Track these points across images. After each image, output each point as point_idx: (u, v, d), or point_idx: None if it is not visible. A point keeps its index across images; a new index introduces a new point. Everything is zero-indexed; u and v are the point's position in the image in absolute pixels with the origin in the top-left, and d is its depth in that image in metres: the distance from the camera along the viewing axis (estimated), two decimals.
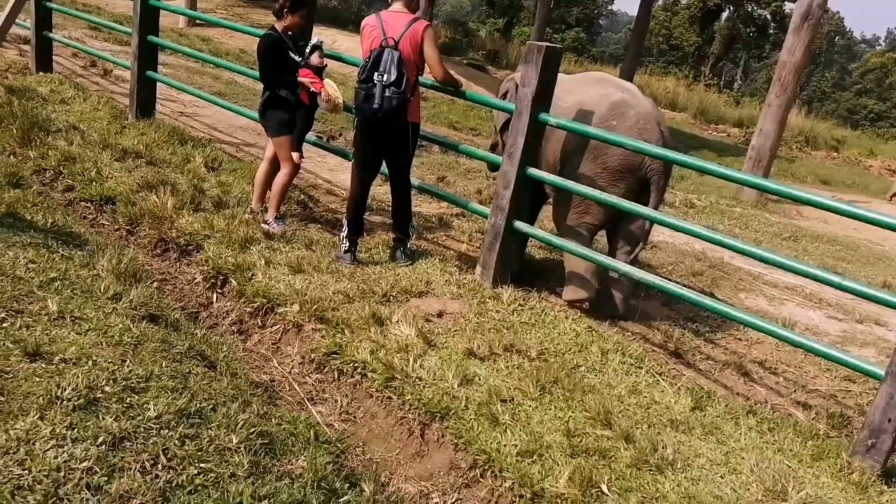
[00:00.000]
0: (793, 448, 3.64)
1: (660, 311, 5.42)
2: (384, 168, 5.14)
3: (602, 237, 5.49)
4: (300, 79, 5.10)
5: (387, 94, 4.58)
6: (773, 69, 13.86)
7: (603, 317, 4.92)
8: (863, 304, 6.30)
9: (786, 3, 38.28)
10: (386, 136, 4.88)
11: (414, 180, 5.39)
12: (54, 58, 9.23)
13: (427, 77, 5.05)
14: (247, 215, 5.41)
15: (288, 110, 5.21)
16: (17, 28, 9.68)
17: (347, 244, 5.04)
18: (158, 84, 7.66)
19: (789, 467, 3.46)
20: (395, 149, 4.96)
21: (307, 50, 5.18)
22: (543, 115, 4.68)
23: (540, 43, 4.64)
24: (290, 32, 5.19)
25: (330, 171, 7.65)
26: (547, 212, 5.75)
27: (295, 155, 5.26)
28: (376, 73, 4.59)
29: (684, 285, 5.47)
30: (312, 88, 5.09)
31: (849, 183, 18.31)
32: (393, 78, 4.56)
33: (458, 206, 5.95)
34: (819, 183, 17.35)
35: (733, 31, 41.26)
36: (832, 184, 17.62)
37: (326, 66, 5.26)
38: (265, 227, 5.26)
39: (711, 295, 5.92)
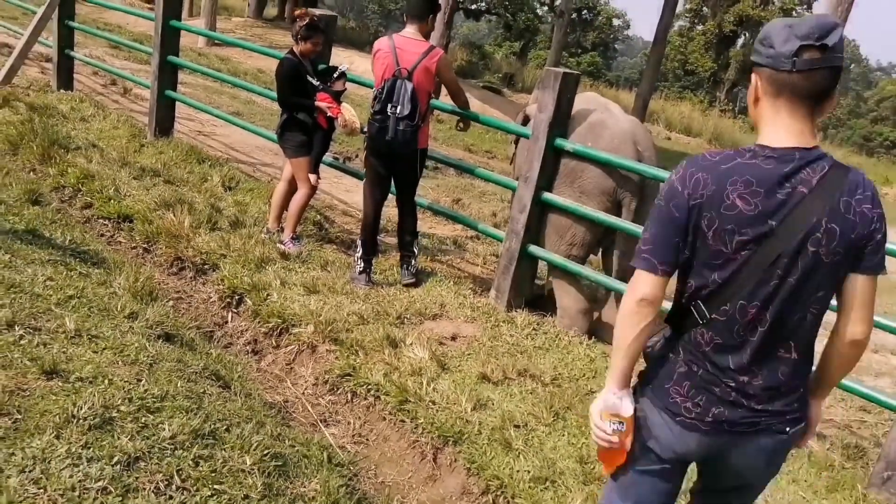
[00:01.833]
0: (807, 479, 3.61)
1: None
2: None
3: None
4: (318, 103, 5.14)
5: (400, 126, 4.63)
6: None
7: None
8: (878, 334, 6.25)
9: None
10: (396, 161, 4.93)
11: (425, 201, 5.42)
12: (75, 76, 9.35)
13: (442, 101, 5.10)
14: (263, 235, 5.44)
15: (305, 132, 5.26)
16: (40, 46, 9.82)
17: (362, 265, 5.06)
18: (177, 103, 7.74)
19: (804, 499, 3.43)
20: (404, 172, 5.03)
21: (334, 76, 5.24)
22: (560, 141, 4.70)
23: (557, 69, 4.67)
24: (307, 57, 5.25)
25: (346, 191, 7.69)
26: None
27: (312, 177, 5.30)
28: (390, 105, 4.63)
29: None
30: (329, 113, 5.14)
31: None
32: (407, 112, 4.61)
33: (472, 228, 5.96)
34: None
35: (749, 57, 41.30)
36: None
37: (346, 90, 5.31)
38: (281, 247, 5.29)
39: None
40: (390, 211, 6.91)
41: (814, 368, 2.03)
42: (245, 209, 5.96)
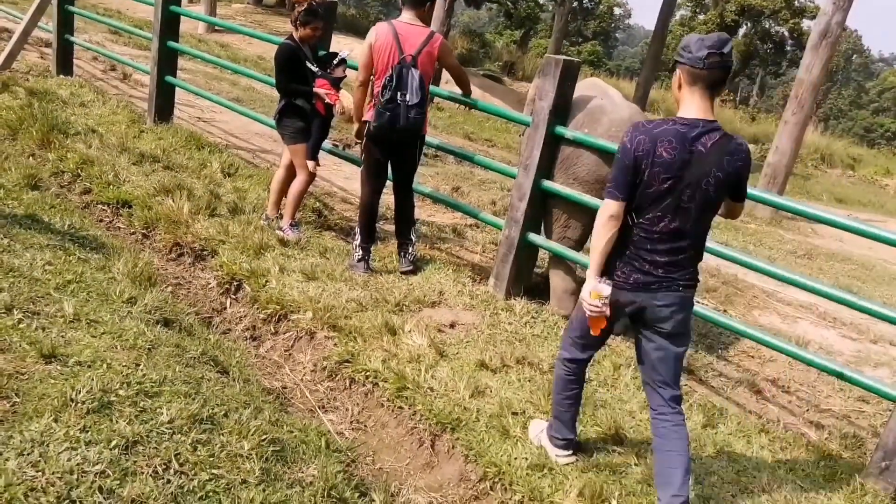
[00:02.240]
0: (805, 468, 3.61)
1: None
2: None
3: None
4: (316, 89, 5.12)
5: (411, 115, 4.64)
6: (790, 86, 13.82)
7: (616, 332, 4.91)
8: (878, 325, 6.26)
9: (804, 20, 38.19)
10: (400, 148, 4.93)
11: (426, 189, 5.40)
12: (75, 61, 9.33)
13: (442, 87, 5.08)
14: (262, 222, 5.44)
15: (304, 119, 5.24)
16: (39, 31, 9.78)
17: (361, 253, 5.05)
18: (177, 89, 7.71)
19: (801, 487, 3.44)
20: (405, 159, 5.03)
21: (334, 62, 5.20)
22: (560, 129, 4.69)
23: (558, 56, 4.65)
24: (306, 42, 5.22)
25: (345, 179, 7.68)
26: None
27: (310, 163, 5.28)
28: (399, 94, 4.61)
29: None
30: (327, 100, 5.12)
31: (864, 201, 18.21)
32: (417, 100, 4.62)
33: (471, 216, 5.95)
34: (834, 201, 17.27)
35: (750, 48, 41.16)
36: (848, 202, 17.53)
37: (346, 77, 5.28)
38: (280, 233, 5.28)
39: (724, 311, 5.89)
40: (388, 198, 6.91)
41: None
42: (244, 195, 5.95)
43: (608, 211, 2.88)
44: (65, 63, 9.04)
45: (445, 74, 5.01)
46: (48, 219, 4.61)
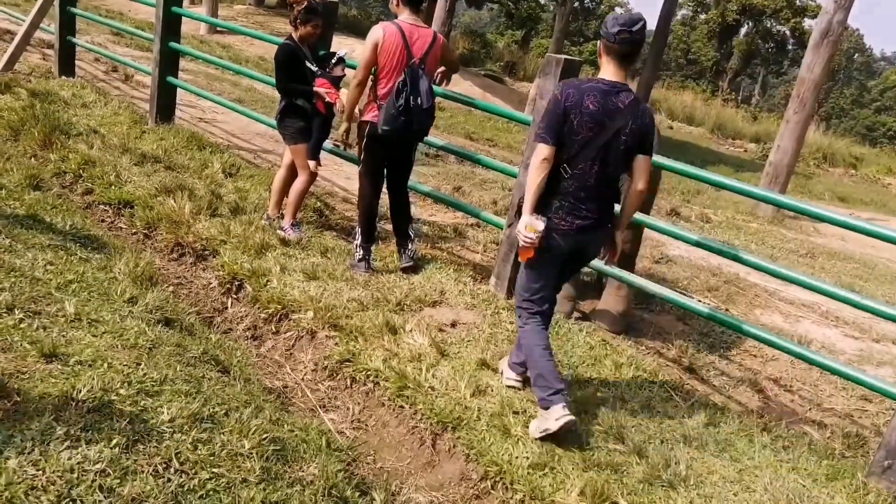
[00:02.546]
0: (807, 467, 3.60)
1: (674, 325, 5.40)
2: None
3: None
4: (316, 89, 5.12)
5: (424, 118, 4.67)
6: (792, 85, 13.82)
7: (617, 330, 4.91)
8: (880, 323, 6.25)
9: (805, 19, 38.18)
10: (402, 149, 4.96)
11: (426, 188, 5.40)
12: (77, 62, 9.33)
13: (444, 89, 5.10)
14: (263, 221, 5.44)
15: (304, 118, 5.23)
16: (41, 33, 9.79)
17: (361, 252, 5.05)
18: (178, 90, 7.72)
19: (804, 486, 3.43)
20: (406, 159, 5.07)
21: (332, 61, 5.20)
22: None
23: (558, 55, 4.65)
24: (306, 42, 5.22)
25: (346, 179, 7.68)
26: None
27: (311, 163, 5.28)
28: (413, 98, 4.60)
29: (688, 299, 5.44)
30: (328, 99, 5.11)
31: (866, 200, 18.19)
32: (427, 105, 4.64)
33: (472, 216, 5.95)
34: (836, 200, 17.25)
35: (752, 47, 41.15)
36: (849, 201, 17.51)
37: (345, 76, 5.28)
38: (281, 233, 5.28)
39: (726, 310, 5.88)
40: (384, 197, 6.92)
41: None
42: (245, 196, 5.95)
43: (541, 154, 3.32)
44: (67, 64, 9.04)
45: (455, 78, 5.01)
46: (50, 219, 4.61)
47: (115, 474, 2.39)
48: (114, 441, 2.53)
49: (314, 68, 5.17)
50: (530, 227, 3.36)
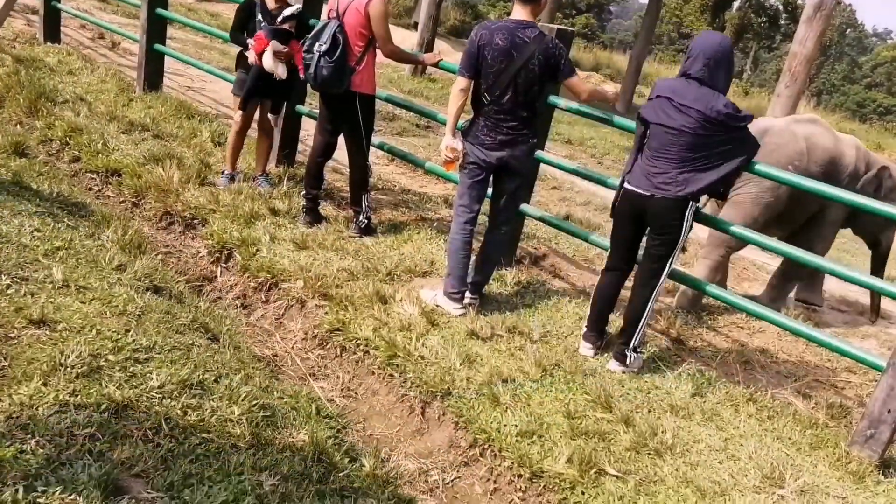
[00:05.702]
0: (791, 436, 3.65)
1: (662, 297, 5.41)
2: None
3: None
4: (248, 40, 5.25)
5: (321, 63, 4.62)
6: (784, 60, 13.79)
7: None
8: (866, 296, 6.29)
9: None
10: (333, 102, 4.93)
11: (422, 161, 5.37)
12: (62, 29, 9.19)
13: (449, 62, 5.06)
14: (221, 179, 5.65)
15: (246, 70, 5.39)
16: None
17: (303, 202, 5.22)
18: (166, 58, 7.63)
19: (787, 455, 3.47)
20: (344, 117, 4.96)
21: (282, 15, 5.18)
22: (553, 99, 4.66)
23: (550, 25, 4.61)
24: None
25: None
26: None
27: (237, 113, 5.50)
28: (316, 44, 4.63)
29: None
30: (250, 48, 5.17)
31: None
32: (326, 48, 4.60)
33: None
34: None
35: (744, 21, 40.97)
36: None
37: (292, 32, 5.21)
38: (219, 182, 5.60)
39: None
40: (381, 170, 6.88)
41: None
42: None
43: (458, 86, 4.05)
44: (52, 30, 8.90)
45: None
46: (36, 186, 4.57)
47: (105, 439, 2.39)
48: (103, 406, 2.53)
49: (263, 23, 5.22)
50: (450, 146, 4.12)
